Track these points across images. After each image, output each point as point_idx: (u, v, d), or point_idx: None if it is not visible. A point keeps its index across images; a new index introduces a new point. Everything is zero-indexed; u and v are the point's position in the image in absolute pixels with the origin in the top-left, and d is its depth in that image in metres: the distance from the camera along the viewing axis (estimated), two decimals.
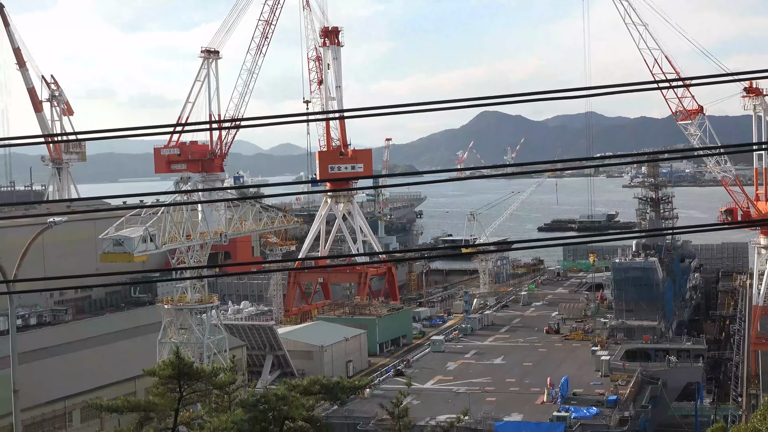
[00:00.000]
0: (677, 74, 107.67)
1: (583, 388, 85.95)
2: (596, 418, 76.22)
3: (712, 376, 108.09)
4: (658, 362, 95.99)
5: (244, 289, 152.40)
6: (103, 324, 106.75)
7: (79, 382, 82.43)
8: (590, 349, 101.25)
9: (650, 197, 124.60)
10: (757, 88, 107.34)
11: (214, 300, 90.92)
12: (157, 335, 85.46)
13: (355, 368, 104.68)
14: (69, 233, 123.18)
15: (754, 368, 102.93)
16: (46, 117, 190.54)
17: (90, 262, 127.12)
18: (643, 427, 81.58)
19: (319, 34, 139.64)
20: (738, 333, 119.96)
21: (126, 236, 79.78)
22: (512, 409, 79.99)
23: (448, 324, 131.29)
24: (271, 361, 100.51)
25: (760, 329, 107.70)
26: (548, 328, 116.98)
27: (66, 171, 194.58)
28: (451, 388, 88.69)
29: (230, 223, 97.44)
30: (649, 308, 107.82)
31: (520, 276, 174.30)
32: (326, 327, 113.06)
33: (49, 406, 78.59)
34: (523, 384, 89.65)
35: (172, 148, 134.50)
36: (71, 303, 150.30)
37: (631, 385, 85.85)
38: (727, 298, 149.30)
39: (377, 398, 73.17)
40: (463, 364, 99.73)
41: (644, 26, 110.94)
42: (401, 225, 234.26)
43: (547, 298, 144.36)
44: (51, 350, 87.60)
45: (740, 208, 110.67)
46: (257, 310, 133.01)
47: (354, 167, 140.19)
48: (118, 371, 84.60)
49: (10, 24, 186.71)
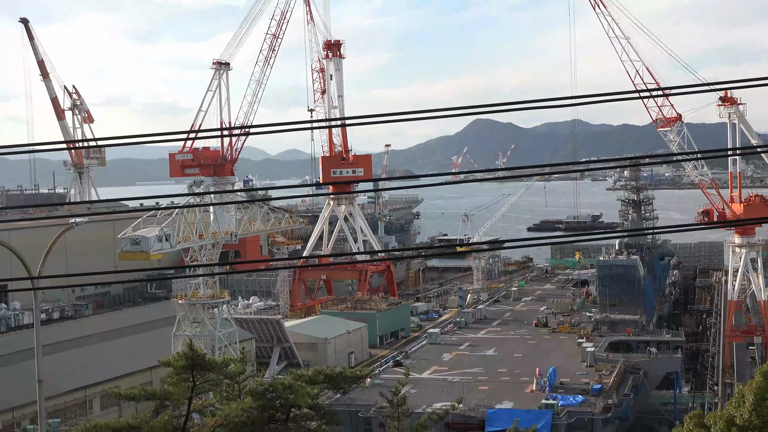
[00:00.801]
0: (657, 84, 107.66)
1: (569, 378, 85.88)
2: (582, 405, 76.15)
3: (690, 366, 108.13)
4: (639, 353, 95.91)
5: (253, 285, 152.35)
6: (121, 318, 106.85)
7: (98, 373, 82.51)
8: (576, 341, 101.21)
9: (632, 199, 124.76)
10: (732, 98, 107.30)
11: (225, 295, 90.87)
12: (172, 328, 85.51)
13: (356, 359, 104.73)
14: (89, 233, 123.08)
15: (729, 359, 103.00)
16: (68, 124, 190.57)
17: (109, 260, 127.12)
18: (625, 415, 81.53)
19: (323, 47, 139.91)
20: (714, 326, 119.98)
21: (143, 236, 79.78)
22: (503, 397, 79.97)
23: (443, 318, 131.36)
24: (278, 352, 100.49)
25: (735, 323, 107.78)
26: (537, 322, 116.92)
27: (87, 175, 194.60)
28: (447, 377, 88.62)
29: (240, 224, 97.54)
30: (631, 303, 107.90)
31: (511, 273, 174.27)
32: (330, 321, 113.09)
33: (70, 394, 78.66)
34: (513, 374, 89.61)
35: (186, 153, 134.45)
36: (91, 298, 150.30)
37: (614, 375, 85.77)
38: (703, 293, 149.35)
39: (377, 387, 73.11)
40: (458, 356, 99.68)
41: (626, 39, 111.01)
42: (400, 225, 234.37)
43: (536, 294, 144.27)
44: (72, 342, 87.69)
45: (716, 210, 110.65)
46: (265, 305, 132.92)
47: (355, 171, 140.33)
48: (135, 362, 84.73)
49: (35, 38, 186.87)
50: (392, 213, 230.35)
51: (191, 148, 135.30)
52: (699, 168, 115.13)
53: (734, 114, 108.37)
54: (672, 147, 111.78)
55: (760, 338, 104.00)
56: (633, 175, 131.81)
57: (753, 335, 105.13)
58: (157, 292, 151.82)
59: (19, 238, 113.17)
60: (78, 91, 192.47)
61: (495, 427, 65.71)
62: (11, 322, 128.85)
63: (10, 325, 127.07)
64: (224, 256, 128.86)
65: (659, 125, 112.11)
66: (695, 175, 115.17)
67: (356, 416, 73.40)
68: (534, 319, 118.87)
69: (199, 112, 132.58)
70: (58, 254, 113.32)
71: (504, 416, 70.13)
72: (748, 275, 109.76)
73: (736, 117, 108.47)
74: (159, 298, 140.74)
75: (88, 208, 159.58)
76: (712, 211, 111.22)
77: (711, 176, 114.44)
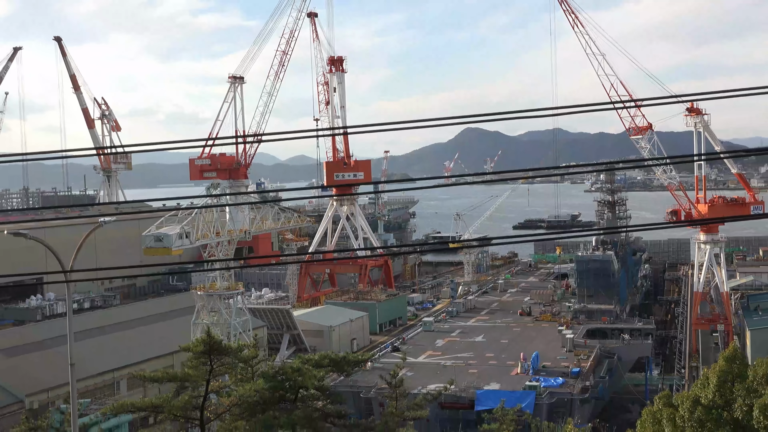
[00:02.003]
0: (630, 96, 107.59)
1: (550, 362, 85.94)
2: (562, 387, 76.22)
3: (660, 351, 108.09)
4: (614, 340, 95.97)
5: (265, 278, 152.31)
6: (146, 308, 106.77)
7: (125, 357, 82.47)
8: (557, 329, 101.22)
9: (607, 200, 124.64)
10: (698, 108, 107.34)
11: (240, 287, 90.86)
12: (191, 317, 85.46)
13: (358, 345, 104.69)
14: (117, 231, 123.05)
15: (695, 345, 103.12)
16: (98, 133, 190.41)
17: (135, 255, 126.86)
18: (601, 395, 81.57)
19: (327, 63, 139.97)
20: (681, 315, 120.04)
21: (165, 233, 79.75)
22: (491, 379, 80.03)
23: (437, 307, 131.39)
24: (288, 339, 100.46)
25: (700, 312, 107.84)
26: (521, 311, 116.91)
27: (114, 178, 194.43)
28: (440, 361, 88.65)
29: (253, 222, 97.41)
30: (606, 294, 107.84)
31: (498, 267, 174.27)
32: (334, 310, 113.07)
33: (99, 376, 78.62)
34: (500, 358, 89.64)
35: (204, 159, 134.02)
36: (119, 290, 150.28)
37: (591, 359, 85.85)
38: (672, 285, 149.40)
39: (377, 370, 73.05)
40: (450, 342, 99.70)
41: (602, 56, 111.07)
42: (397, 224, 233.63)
43: (520, 286, 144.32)
44: (101, 330, 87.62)
45: (683, 210, 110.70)
46: (276, 296, 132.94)
47: (356, 175, 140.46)
48: (158, 347, 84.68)
49: (67, 54, 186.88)
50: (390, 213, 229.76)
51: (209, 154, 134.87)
52: (668, 172, 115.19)
53: (699, 123, 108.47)
54: (643, 153, 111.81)
55: (723, 326, 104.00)
56: (608, 178, 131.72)
57: (716, 323, 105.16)
58: (178, 284, 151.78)
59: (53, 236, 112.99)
60: (107, 103, 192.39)
61: (483, 406, 65.62)
62: (46, 311, 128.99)
63: (45, 314, 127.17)
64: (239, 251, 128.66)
65: (632, 133, 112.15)
66: (664, 179, 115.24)
67: (358, 397, 73.44)
68: (519, 308, 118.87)
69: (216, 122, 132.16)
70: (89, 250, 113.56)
71: (492, 396, 70.15)
72: (712, 269, 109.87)
73: (701, 126, 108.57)
74: (180, 289, 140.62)
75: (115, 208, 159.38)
76: (679, 211, 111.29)
77: (678, 179, 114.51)
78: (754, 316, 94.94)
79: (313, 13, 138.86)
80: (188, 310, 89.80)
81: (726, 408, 22.96)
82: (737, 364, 23.93)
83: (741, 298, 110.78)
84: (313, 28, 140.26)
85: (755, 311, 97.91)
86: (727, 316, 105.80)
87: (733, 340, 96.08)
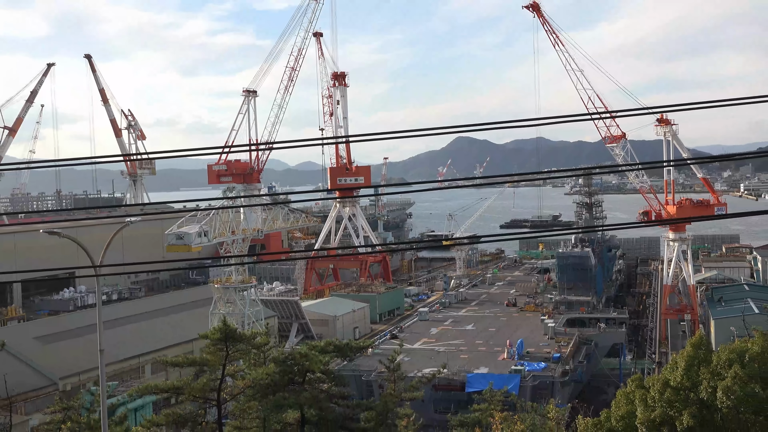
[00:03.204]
0: (605, 108, 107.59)
1: (534, 348, 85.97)
2: (544, 370, 76.23)
3: (632, 338, 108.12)
4: (591, 328, 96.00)
5: (275, 272, 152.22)
6: (168, 299, 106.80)
7: (149, 344, 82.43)
8: (540, 318, 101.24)
9: (585, 202, 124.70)
10: (667, 119, 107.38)
11: (253, 281, 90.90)
12: (209, 307, 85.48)
13: (360, 333, 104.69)
14: (142, 230, 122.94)
15: (664, 332, 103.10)
16: (125, 141, 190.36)
17: (158, 252, 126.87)
18: (580, 378, 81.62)
19: (331, 78, 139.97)
20: (652, 305, 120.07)
21: (186, 232, 79.76)
22: (480, 363, 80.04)
23: (431, 299, 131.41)
24: (296, 327, 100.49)
25: (669, 303, 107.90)
26: (508, 302, 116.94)
27: (140, 182, 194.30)
28: (434, 348, 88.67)
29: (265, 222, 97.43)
30: (584, 287, 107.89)
31: (487, 262, 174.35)
32: (338, 301, 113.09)
33: (126, 361, 78.60)
34: (488, 345, 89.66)
35: (221, 165, 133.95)
36: (144, 283, 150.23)
37: (570, 346, 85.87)
38: (643, 279, 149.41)
39: (377, 356, 73.08)
40: (443, 330, 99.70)
41: (580, 71, 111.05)
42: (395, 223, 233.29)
43: (506, 279, 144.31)
44: (128, 319, 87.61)
45: (654, 211, 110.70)
46: (285, 288, 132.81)
47: (356, 179, 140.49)
48: (179, 335, 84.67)
49: (97, 70, 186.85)
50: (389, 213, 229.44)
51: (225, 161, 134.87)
52: (640, 177, 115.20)
53: (668, 132, 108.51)
54: (618, 159, 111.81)
55: (690, 316, 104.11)
56: (586, 182, 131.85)
57: (684, 313, 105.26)
58: (197, 278, 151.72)
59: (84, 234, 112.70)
60: (132, 114, 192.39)
61: (473, 388, 65.63)
62: (78, 302, 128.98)
63: (77, 305, 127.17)
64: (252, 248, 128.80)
65: (607, 142, 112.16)
66: (637, 183, 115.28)
67: (360, 379, 73.42)
68: (505, 300, 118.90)
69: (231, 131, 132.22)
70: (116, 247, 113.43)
71: (481, 379, 70.15)
72: (679, 264, 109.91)
73: (670, 135, 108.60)
74: (199, 282, 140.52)
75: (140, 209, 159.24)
76: (650, 212, 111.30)
77: (649, 183, 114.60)
78: (717, 307, 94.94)
79: (319, 33, 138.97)
80: (206, 302, 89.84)
81: (693, 390, 22.96)
82: (703, 350, 23.93)
83: (706, 290, 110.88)
84: (319, 47, 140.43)
85: (719, 302, 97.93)
86: (694, 306, 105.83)
87: (698, 328, 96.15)
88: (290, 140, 16.33)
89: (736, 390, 21.81)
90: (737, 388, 21.84)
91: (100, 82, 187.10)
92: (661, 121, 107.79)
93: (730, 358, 22.90)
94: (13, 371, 60.78)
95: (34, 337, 78.33)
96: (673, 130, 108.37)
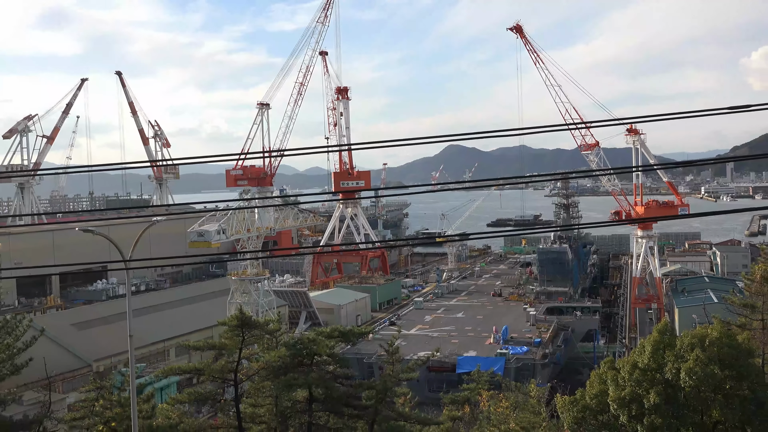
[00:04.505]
0: (581, 119, 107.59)
1: (517, 333, 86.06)
2: (526, 354, 76.32)
3: (605, 325, 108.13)
4: (568, 316, 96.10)
5: (286, 266, 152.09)
6: (190, 290, 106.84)
7: (173, 329, 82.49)
8: (522, 307, 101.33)
9: (563, 203, 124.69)
10: (636, 129, 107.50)
11: (266, 274, 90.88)
12: (227, 297, 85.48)
13: (362, 320, 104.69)
14: (167, 228, 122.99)
15: (633, 319, 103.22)
16: (151, 148, 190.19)
17: (181, 248, 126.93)
18: (558, 360, 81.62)
19: (335, 92, 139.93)
20: (622, 296, 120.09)
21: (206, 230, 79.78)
22: (469, 347, 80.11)
23: (425, 290, 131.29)
24: (305, 315, 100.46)
25: (638, 293, 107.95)
26: (494, 293, 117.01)
27: (165, 185, 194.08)
28: (428, 333, 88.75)
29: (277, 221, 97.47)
30: (562, 279, 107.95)
31: (475, 257, 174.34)
32: (342, 292, 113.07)
33: (153, 345, 78.65)
34: (476, 331, 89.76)
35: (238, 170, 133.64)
36: (168, 276, 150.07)
37: (550, 332, 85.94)
38: (615, 272, 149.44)
39: (377, 341, 73.16)
40: (436, 317, 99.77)
41: (559, 86, 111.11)
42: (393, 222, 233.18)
43: (493, 272, 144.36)
44: (154, 307, 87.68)
45: (624, 211, 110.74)
46: (295, 280, 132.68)
47: (358, 183, 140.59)
48: (200, 322, 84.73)
49: (126, 86, 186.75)
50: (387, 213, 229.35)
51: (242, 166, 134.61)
52: (611, 180, 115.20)
53: (637, 141, 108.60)
54: (592, 165, 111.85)
55: (656, 305, 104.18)
56: (563, 185, 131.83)
57: (651, 302, 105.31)
58: (216, 271, 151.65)
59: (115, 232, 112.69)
60: (158, 124, 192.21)
61: (463, 369, 65.68)
62: (110, 293, 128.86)
63: (109, 295, 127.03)
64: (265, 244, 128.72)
65: (583, 149, 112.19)
66: (609, 186, 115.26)
67: (362, 362, 73.47)
68: (492, 290, 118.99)
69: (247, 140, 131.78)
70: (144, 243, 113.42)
71: (470, 361, 70.22)
72: (647, 259, 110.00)
73: (638, 143, 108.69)
74: (218, 275, 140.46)
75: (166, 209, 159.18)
76: (621, 212, 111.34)
77: (620, 186, 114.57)
78: (681, 297, 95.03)
79: (324, 52, 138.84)
80: (224, 292, 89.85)
81: (658, 371, 22.98)
82: (667, 336, 23.95)
83: (670, 282, 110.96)
84: (324, 64, 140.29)
85: (682, 293, 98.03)
86: (660, 296, 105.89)
87: (664, 316, 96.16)
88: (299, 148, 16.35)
89: (698, 371, 21.84)
90: (698, 369, 21.87)
91: (130, 96, 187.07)
92: (631, 131, 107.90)
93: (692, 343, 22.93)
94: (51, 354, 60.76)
95: (70, 324, 78.36)
96: (641, 139, 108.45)
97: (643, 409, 22.50)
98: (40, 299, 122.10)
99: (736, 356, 22.43)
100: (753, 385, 21.99)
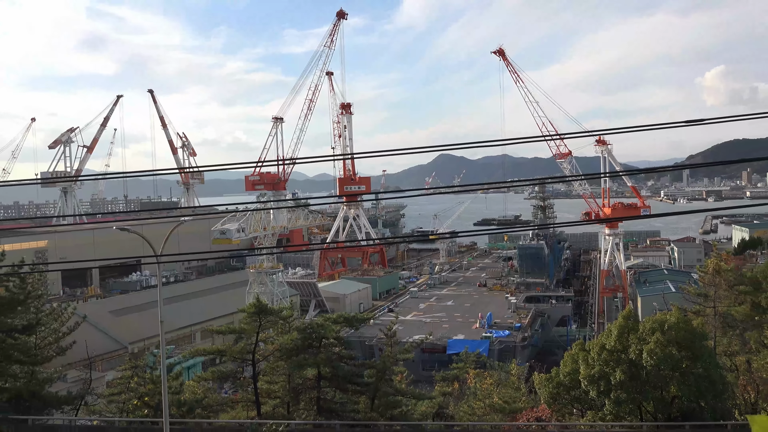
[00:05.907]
0: (556, 131, 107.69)
1: (500, 319, 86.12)
2: (508, 337, 76.37)
3: (577, 311, 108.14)
4: (545, 304, 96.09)
5: (298, 260, 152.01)
6: (214, 281, 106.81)
7: (199, 316, 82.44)
8: (504, 296, 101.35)
9: (540, 205, 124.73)
10: (604, 140, 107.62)
11: (280, 267, 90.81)
12: (246, 288, 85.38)
13: (364, 308, 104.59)
14: (194, 227, 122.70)
15: (602, 307, 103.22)
16: (180, 157, 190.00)
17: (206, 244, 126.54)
18: (536, 343, 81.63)
19: (340, 107, 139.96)
20: (592, 286, 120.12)
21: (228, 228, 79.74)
22: (458, 332, 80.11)
23: (420, 281, 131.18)
24: (314, 303, 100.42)
25: (605, 284, 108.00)
26: (480, 283, 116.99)
27: (192, 190, 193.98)
28: (422, 319, 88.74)
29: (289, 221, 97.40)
30: (539, 271, 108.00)
31: (463, 252, 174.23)
32: (346, 283, 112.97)
33: (180, 330, 78.61)
34: (464, 317, 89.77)
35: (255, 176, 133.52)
36: (195, 268, 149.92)
37: (528, 318, 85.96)
38: (585, 265, 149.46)
39: (378, 325, 73.06)
40: (429, 305, 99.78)
41: (536, 103, 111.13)
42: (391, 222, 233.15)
43: (478, 266, 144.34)
44: (182, 296, 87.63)
45: (593, 212, 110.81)
46: (305, 273, 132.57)
47: (360, 187, 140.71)
48: (222, 309, 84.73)
49: (157, 102, 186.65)
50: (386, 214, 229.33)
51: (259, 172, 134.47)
52: (583, 185, 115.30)
53: (605, 151, 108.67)
54: (565, 171, 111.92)
55: (621, 293, 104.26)
56: (540, 189, 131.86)
57: (617, 292, 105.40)
58: (236, 264, 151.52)
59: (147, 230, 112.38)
60: (186, 136, 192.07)
61: (453, 350, 65.71)
62: (143, 283, 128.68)
63: (142, 286, 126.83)
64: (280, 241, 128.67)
65: (557, 158, 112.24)
66: (580, 190, 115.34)
67: (364, 344, 73.48)
68: (478, 281, 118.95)
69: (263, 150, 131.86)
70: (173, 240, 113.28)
71: (459, 344, 70.25)
72: (613, 253, 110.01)
73: (606, 152, 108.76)
74: (238, 268, 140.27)
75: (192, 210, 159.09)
76: (591, 212, 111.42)
77: (590, 190, 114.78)
78: (643, 287, 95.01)
79: (331, 72, 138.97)
80: (243, 283, 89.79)
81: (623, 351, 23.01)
82: (631, 321, 23.99)
83: (634, 274, 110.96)
84: (331, 83, 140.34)
85: (644, 283, 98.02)
86: (624, 287, 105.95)
87: (628, 304, 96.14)
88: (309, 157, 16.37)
89: (658, 352, 21.87)
90: (658, 350, 21.90)
91: (160, 111, 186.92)
92: (599, 141, 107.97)
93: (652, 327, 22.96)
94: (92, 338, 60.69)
95: (109, 311, 78.32)
96: (608, 149, 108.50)
97: (610, 386, 22.53)
98: (82, 289, 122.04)
99: (691, 339, 22.47)
100: (706, 365, 22.04)
